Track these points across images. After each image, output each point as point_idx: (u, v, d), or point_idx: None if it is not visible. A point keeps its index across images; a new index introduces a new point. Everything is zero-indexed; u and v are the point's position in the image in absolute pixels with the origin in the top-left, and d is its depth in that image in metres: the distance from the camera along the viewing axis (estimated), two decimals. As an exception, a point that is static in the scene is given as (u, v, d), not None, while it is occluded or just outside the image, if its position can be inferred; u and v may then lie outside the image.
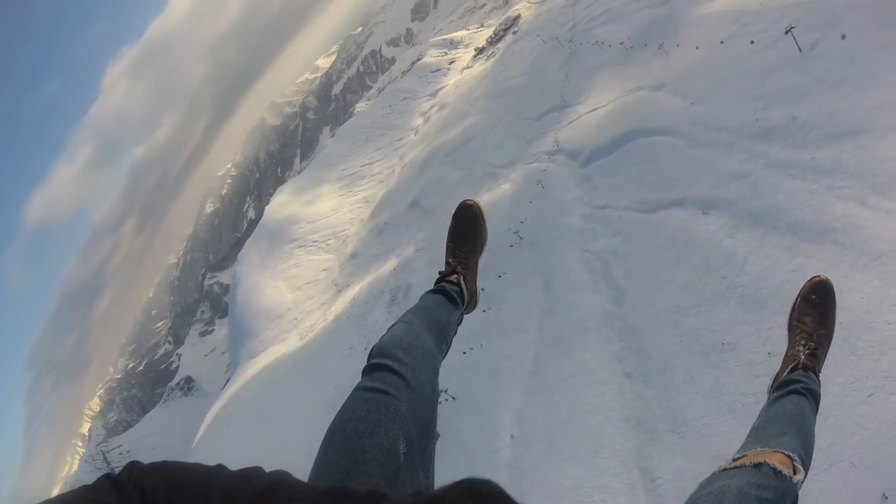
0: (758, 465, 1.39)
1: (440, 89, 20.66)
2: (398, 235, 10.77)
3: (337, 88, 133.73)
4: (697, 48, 6.78)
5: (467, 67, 20.98)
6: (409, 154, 14.40)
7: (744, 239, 5.16)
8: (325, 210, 15.09)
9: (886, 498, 3.16)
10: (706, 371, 4.70)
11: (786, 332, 2.18)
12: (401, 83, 27.80)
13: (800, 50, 5.54)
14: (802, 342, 2.06)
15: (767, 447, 1.57)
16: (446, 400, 6.48)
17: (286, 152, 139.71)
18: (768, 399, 1.97)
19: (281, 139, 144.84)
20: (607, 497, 4.50)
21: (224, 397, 12.34)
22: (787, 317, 2.21)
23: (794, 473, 1.42)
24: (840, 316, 3.96)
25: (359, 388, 1.43)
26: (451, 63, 24.23)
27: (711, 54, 6.63)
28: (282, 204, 16.79)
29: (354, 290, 10.75)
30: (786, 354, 2.11)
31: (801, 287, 2.21)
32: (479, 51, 22.04)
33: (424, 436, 1.40)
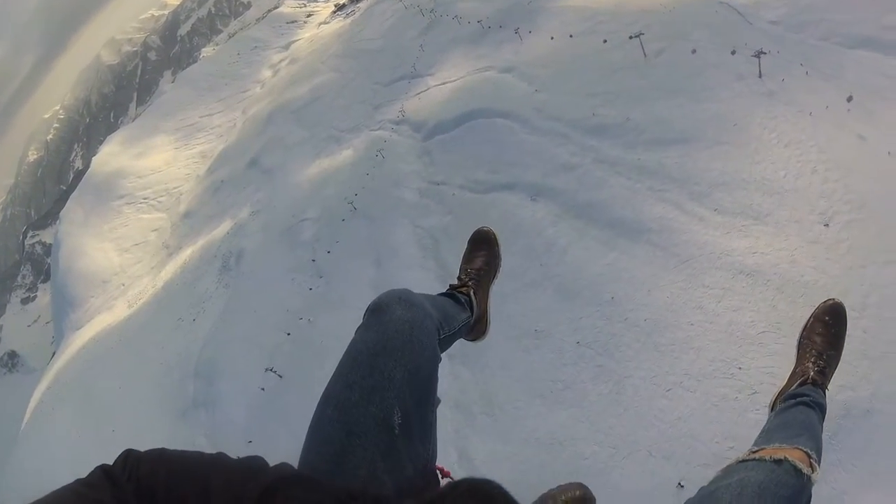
0: (778, 462, 1.36)
1: (293, 42, 19.56)
2: (235, 195, 9.97)
3: (184, 29, 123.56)
4: (552, 38, 6.76)
5: (324, 23, 20.06)
6: (253, 108, 13.41)
7: (565, 229, 5.19)
8: (159, 164, 13.62)
9: (682, 487, 3.24)
10: (520, 356, 4.67)
11: (794, 350, 2.33)
12: (253, 31, 26.07)
13: (644, 55, 5.65)
14: (812, 360, 2.16)
15: (786, 444, 1.56)
16: (275, 376, 6.03)
17: (121, 95, 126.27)
18: (775, 410, 2.05)
19: (116, 80, 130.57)
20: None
21: (48, 377, 10.81)
22: (797, 335, 2.35)
23: (813, 471, 1.39)
24: (646, 313, 4.13)
25: (351, 352, 1.35)
26: (309, 16, 23.10)
27: (562, 46, 6.66)
28: (110, 155, 14.92)
29: (186, 253, 9.82)
30: (794, 370, 2.21)
31: (814, 308, 2.34)
32: (339, 7, 21.07)
33: (422, 404, 1.33)
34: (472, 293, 2.10)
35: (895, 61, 4.98)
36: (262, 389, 6.09)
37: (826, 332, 2.26)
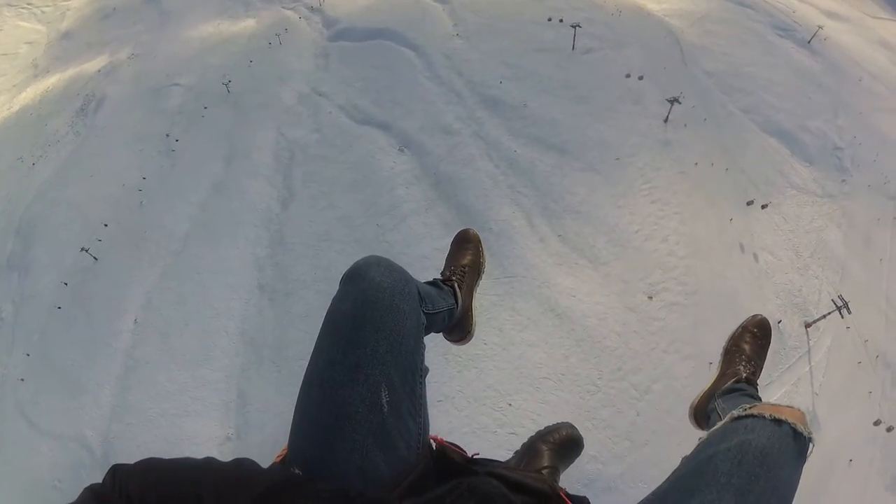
0: (778, 422, 1.20)
1: None
2: (122, 28, 8.75)
3: None
4: (501, -10, 6.12)
5: None
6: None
7: (416, 195, 4.73)
8: None
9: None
10: (321, 312, 4.22)
11: (718, 358, 2.36)
12: None
13: (573, 48, 5.17)
14: (742, 363, 2.19)
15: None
16: (90, 257, 5.30)
17: None
18: (716, 401, 2.02)
19: None
20: (202, 410, 4.10)
21: None
22: (723, 344, 2.41)
23: (811, 432, 1.25)
24: None
25: (330, 325, 1.28)
26: None
27: (506, 1, 6.04)
28: None
29: (52, 80, 8.55)
30: (723, 373, 2.23)
31: (743, 320, 2.43)
32: None
33: (409, 377, 1.26)
34: (456, 286, 2.02)
35: (797, 164, 4.79)
36: (73, 269, 5.40)
37: (753, 342, 2.29)
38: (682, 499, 1.14)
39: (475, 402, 3.53)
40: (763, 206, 4.28)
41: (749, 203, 4.37)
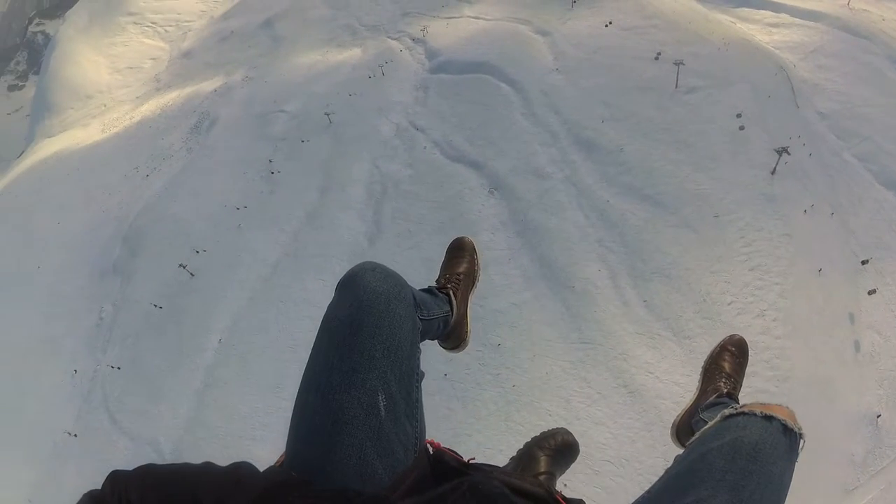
0: (768, 418, 1.22)
1: None
2: (238, 51, 9.27)
3: None
4: (609, 24, 5.87)
5: None
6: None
7: (500, 243, 4.62)
8: None
9: None
10: None
11: (698, 376, 2.33)
12: None
13: (676, 87, 4.85)
14: (723, 380, 2.20)
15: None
16: (189, 275, 5.72)
17: None
18: (700, 414, 2.04)
19: None
20: (267, 436, 4.28)
21: (4, 179, 10.42)
22: (701, 363, 2.38)
23: (801, 428, 1.26)
24: (518, 379, 3.96)
25: (327, 330, 1.27)
26: None
27: (607, 33, 5.79)
28: None
29: (171, 95, 9.23)
30: (703, 389, 2.23)
31: (720, 339, 2.43)
32: None
33: (406, 381, 1.26)
34: (451, 294, 1.99)
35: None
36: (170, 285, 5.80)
37: (732, 360, 2.30)
38: (678, 496, 1.14)
39: None
40: (870, 293, 3.79)
41: (864, 262, 3.89)
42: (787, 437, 1.22)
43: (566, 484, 3.19)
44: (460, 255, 2.28)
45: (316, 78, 7.32)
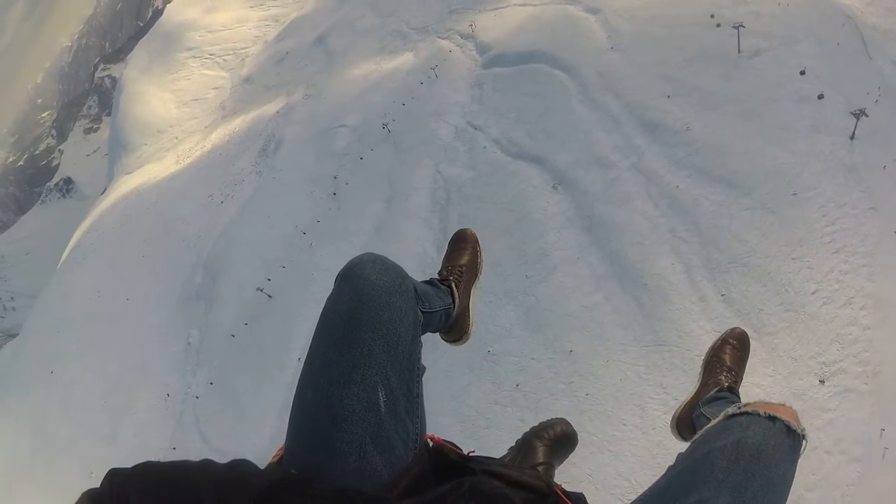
0: (772, 419, 1.23)
1: None
2: (295, 70, 9.46)
3: None
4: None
5: None
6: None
7: (568, 240, 4.52)
8: (229, 20, 12.92)
9: None
10: (465, 371, 4.30)
11: (699, 370, 2.31)
12: None
13: (739, 51, 4.54)
14: (724, 374, 2.18)
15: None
16: (266, 297, 5.99)
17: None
18: (700, 408, 2.03)
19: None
20: None
21: (91, 216, 11.25)
22: (702, 356, 2.37)
23: (804, 429, 1.27)
24: (592, 387, 3.88)
25: (326, 325, 1.28)
26: None
27: (660, 2, 5.48)
28: (184, 4, 14.21)
29: (237, 121, 9.59)
30: (704, 383, 2.21)
31: (722, 332, 2.42)
32: None
33: (407, 376, 1.25)
34: (453, 286, 1.99)
35: None
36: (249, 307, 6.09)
37: (733, 353, 2.28)
38: (680, 496, 1.13)
39: (603, 489, 3.29)
40: None
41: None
42: (790, 439, 1.21)
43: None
44: (462, 247, 2.25)
45: (371, 88, 7.37)
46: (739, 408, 1.30)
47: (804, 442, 1.25)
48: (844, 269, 3.31)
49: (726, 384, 2.14)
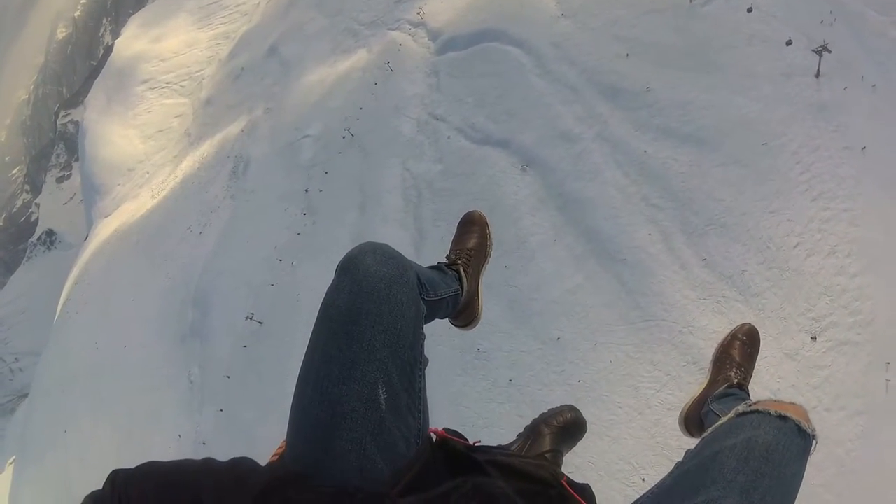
0: (783, 418, 1.18)
1: None
2: (253, 85, 9.28)
3: None
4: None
5: None
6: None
7: (542, 223, 4.37)
8: (180, 45, 12.62)
9: None
10: (457, 373, 4.19)
11: (708, 366, 2.25)
12: None
13: (690, 0, 4.35)
14: (733, 370, 2.15)
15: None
16: (257, 324, 5.88)
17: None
18: (709, 405, 2.00)
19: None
20: None
21: (77, 267, 11.12)
22: (712, 351, 2.30)
23: (814, 430, 1.21)
24: (583, 373, 3.72)
25: (325, 319, 1.21)
26: None
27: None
28: (131, 38, 13.78)
29: (205, 146, 9.40)
30: (713, 379, 2.17)
31: (732, 328, 2.33)
32: None
33: (408, 371, 1.21)
34: (461, 270, 1.92)
35: None
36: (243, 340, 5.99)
37: (742, 349, 2.24)
38: (688, 495, 1.10)
39: (606, 475, 3.19)
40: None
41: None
42: (801, 439, 1.17)
43: (644, 479, 3.02)
44: (470, 230, 2.18)
45: (329, 93, 7.17)
46: (749, 406, 1.25)
47: (814, 442, 1.20)
48: (825, 217, 3.16)
49: (736, 380, 2.11)
